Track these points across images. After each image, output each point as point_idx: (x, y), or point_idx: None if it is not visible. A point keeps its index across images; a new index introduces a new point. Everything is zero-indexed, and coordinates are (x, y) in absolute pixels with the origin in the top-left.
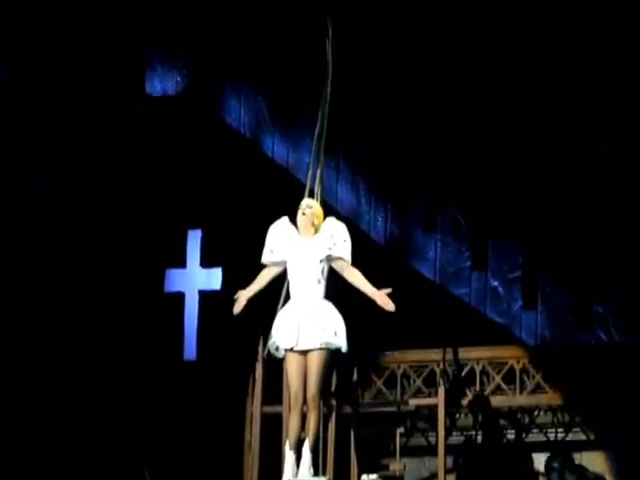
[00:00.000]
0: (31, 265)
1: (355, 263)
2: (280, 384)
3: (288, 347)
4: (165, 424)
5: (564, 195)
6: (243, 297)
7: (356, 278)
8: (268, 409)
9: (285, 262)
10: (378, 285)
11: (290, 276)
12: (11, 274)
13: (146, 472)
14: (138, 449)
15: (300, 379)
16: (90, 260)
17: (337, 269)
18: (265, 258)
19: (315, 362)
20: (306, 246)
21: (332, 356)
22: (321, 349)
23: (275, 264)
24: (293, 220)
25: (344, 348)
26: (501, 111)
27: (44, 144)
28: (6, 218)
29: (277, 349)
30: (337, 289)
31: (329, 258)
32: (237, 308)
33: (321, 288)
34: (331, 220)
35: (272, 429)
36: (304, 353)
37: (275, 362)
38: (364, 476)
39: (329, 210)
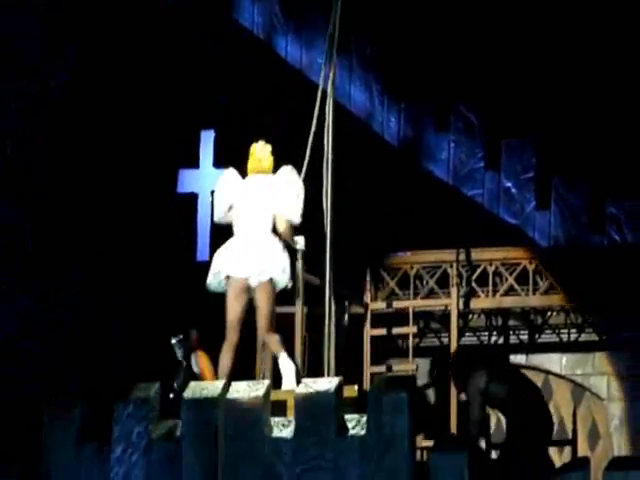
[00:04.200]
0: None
1: (368, 164)
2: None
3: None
4: (177, 326)
5: (577, 95)
6: None
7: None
8: (281, 309)
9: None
10: (391, 187)
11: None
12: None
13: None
14: (153, 351)
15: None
16: (102, 161)
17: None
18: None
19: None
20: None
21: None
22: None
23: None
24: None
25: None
26: (515, 9)
27: (60, 44)
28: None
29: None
30: (353, 190)
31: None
32: None
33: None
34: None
35: (284, 329)
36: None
37: (292, 258)
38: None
39: (342, 111)
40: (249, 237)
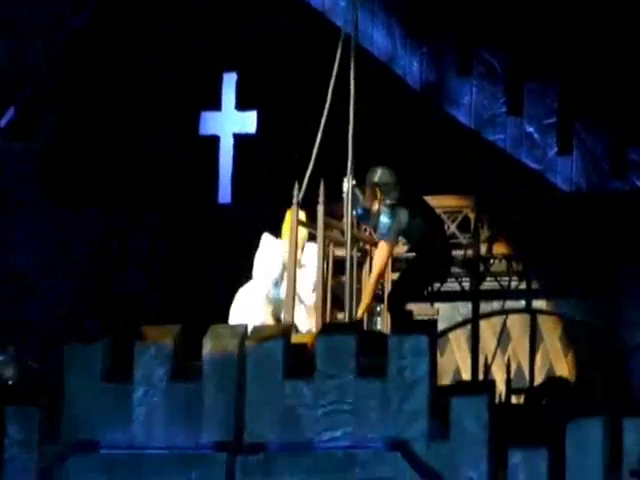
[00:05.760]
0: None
1: (390, 109)
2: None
3: None
4: (198, 270)
5: (600, 39)
6: None
7: None
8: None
9: None
10: (413, 131)
11: None
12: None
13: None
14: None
15: None
16: (125, 102)
17: None
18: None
19: None
20: None
21: None
22: None
23: None
24: None
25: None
26: None
27: None
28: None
29: None
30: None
31: None
32: None
33: None
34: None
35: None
36: None
37: (310, 207)
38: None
39: (365, 55)
40: None
